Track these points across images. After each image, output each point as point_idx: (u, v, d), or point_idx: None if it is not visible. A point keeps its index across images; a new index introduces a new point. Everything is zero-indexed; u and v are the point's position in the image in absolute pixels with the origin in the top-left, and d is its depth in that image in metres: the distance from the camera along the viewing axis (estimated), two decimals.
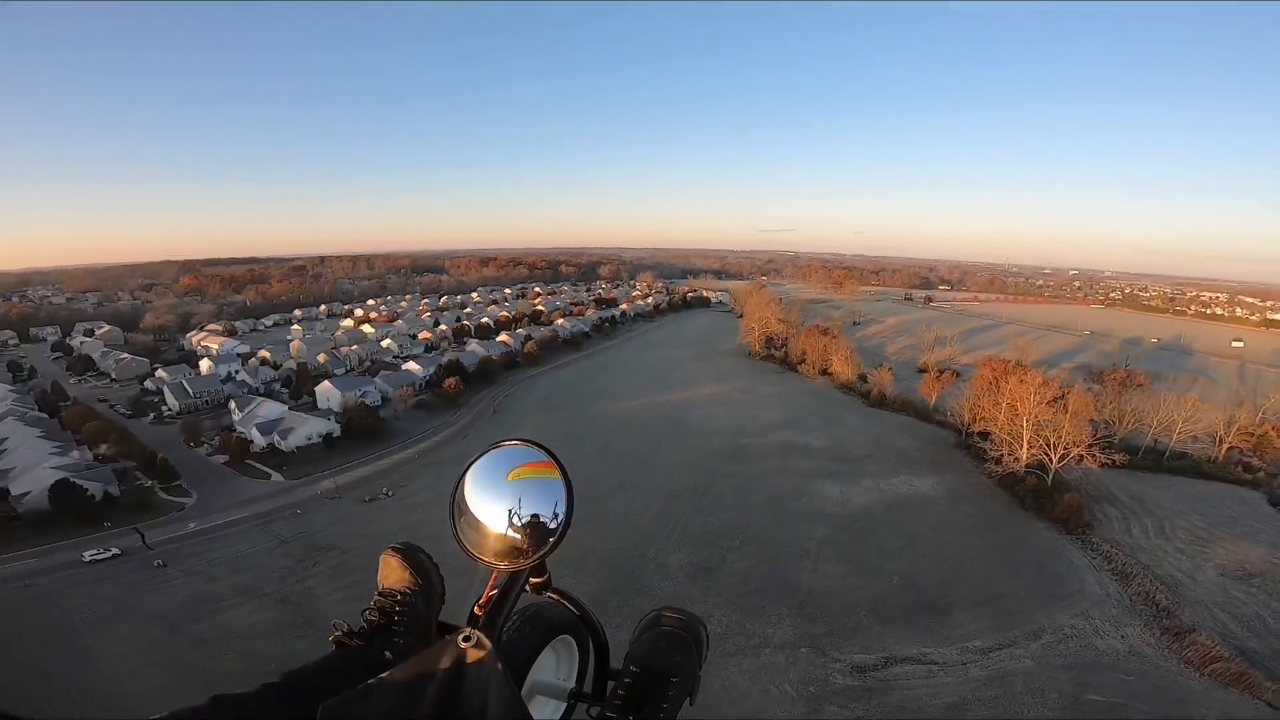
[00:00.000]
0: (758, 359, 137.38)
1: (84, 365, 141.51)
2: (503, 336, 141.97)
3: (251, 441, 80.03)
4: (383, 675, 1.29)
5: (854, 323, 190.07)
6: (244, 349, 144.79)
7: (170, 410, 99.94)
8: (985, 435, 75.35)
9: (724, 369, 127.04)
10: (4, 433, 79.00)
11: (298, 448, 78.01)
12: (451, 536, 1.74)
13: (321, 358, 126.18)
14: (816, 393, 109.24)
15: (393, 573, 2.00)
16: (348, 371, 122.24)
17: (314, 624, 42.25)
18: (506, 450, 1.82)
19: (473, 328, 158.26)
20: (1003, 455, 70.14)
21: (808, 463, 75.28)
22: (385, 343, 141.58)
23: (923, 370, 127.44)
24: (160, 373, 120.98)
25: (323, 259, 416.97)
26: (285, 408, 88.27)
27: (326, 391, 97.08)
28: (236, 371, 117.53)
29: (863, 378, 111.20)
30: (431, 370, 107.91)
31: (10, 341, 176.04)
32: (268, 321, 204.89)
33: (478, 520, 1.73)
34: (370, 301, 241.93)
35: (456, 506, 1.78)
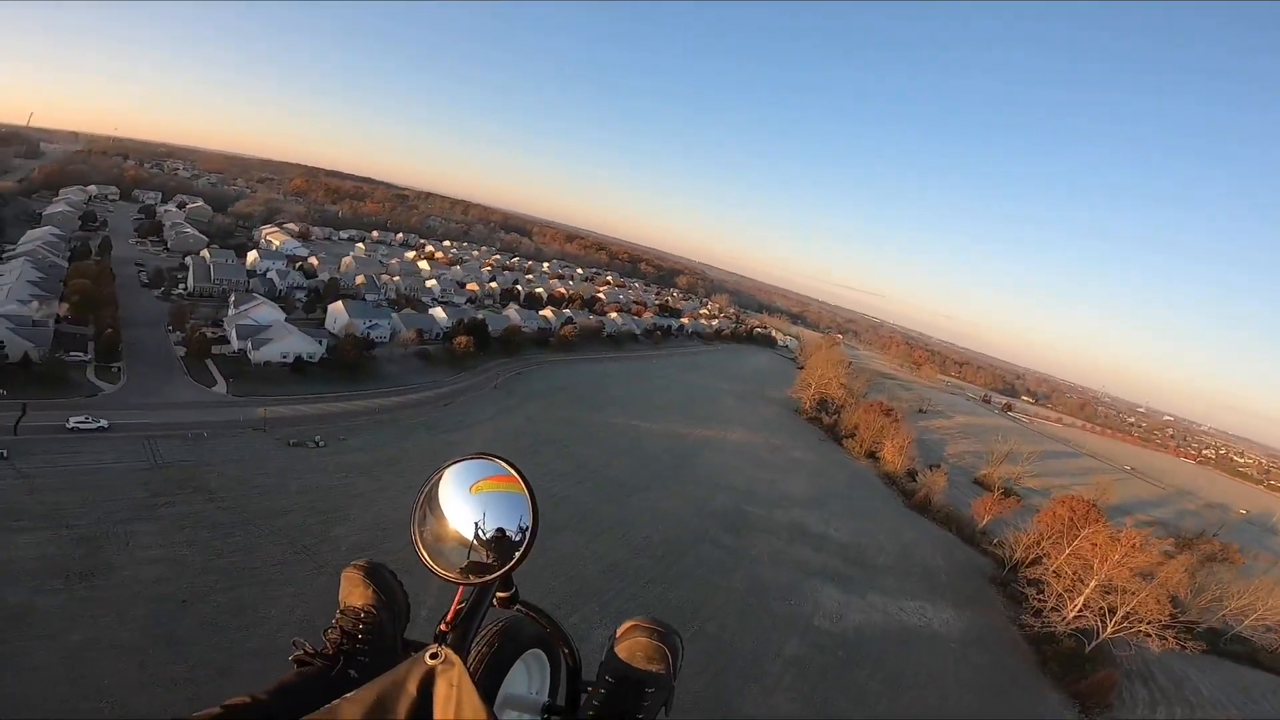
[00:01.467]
0: (804, 418, 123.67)
1: (151, 230, 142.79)
2: (546, 311, 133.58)
3: (226, 341, 73.71)
4: (349, 695, 1.22)
5: (920, 410, 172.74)
6: (302, 252, 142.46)
7: (184, 289, 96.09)
8: (1037, 583, 63.48)
9: (763, 418, 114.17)
10: (12, 269, 76.11)
11: (266, 362, 70.87)
12: (414, 551, 1.65)
13: (359, 279, 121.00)
14: (855, 475, 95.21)
15: (355, 590, 1.90)
16: (380, 299, 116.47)
17: (89, 579, 33.59)
18: (470, 464, 1.76)
19: (523, 294, 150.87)
20: (1048, 607, 60.01)
21: (815, 556, 62.78)
22: (430, 283, 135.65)
23: (980, 483, 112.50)
24: (204, 252, 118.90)
25: (428, 194, 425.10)
26: (282, 316, 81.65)
27: (336, 312, 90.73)
28: (269, 269, 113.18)
29: (912, 474, 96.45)
30: (454, 322, 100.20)
31: (110, 196, 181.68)
32: (344, 234, 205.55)
33: (442, 535, 1.68)
34: (446, 243, 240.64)
35: (419, 522, 1.71)
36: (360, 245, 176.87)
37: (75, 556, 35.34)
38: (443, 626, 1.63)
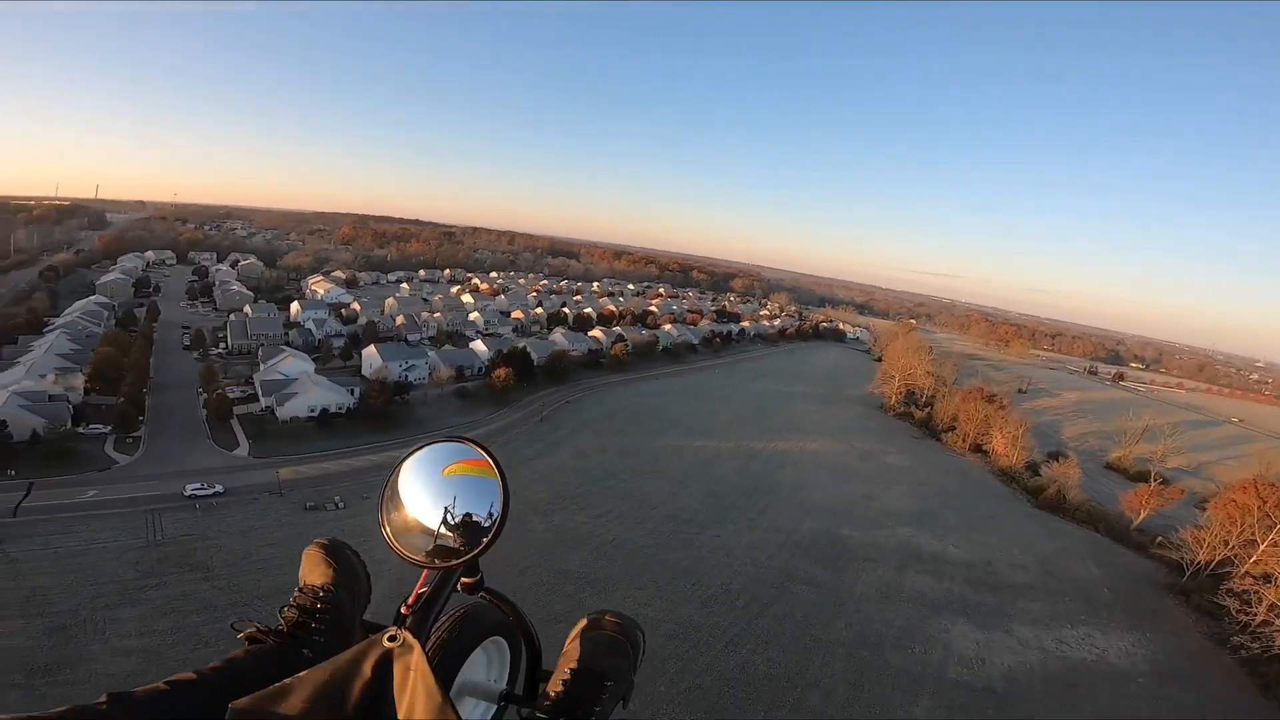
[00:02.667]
0: (891, 415, 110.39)
1: (202, 291, 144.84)
2: (595, 332, 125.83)
3: (256, 399, 69.14)
4: (300, 674, 1.20)
5: (1020, 390, 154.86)
6: (346, 298, 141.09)
7: (223, 348, 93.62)
8: (1241, 593, 50.28)
9: (845, 421, 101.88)
10: (43, 343, 75.07)
11: (293, 418, 65.55)
12: (380, 532, 1.66)
13: (400, 320, 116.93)
14: (963, 474, 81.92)
15: (315, 568, 1.86)
16: (422, 339, 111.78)
17: (53, 674, 29.57)
18: (442, 447, 1.75)
19: (570, 316, 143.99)
20: (1260, 618, 47.70)
21: (935, 583, 51.15)
22: (473, 316, 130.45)
23: (1114, 468, 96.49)
24: (246, 308, 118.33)
25: (475, 229, 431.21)
26: (310, 367, 76.83)
27: (370, 356, 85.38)
28: (308, 319, 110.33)
29: (1033, 467, 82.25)
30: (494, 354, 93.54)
31: (167, 260, 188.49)
32: (392, 277, 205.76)
33: (409, 517, 1.67)
34: (493, 274, 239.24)
35: (387, 502, 1.71)
36: (405, 285, 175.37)
37: (43, 648, 31.15)
38: (403, 609, 1.61)
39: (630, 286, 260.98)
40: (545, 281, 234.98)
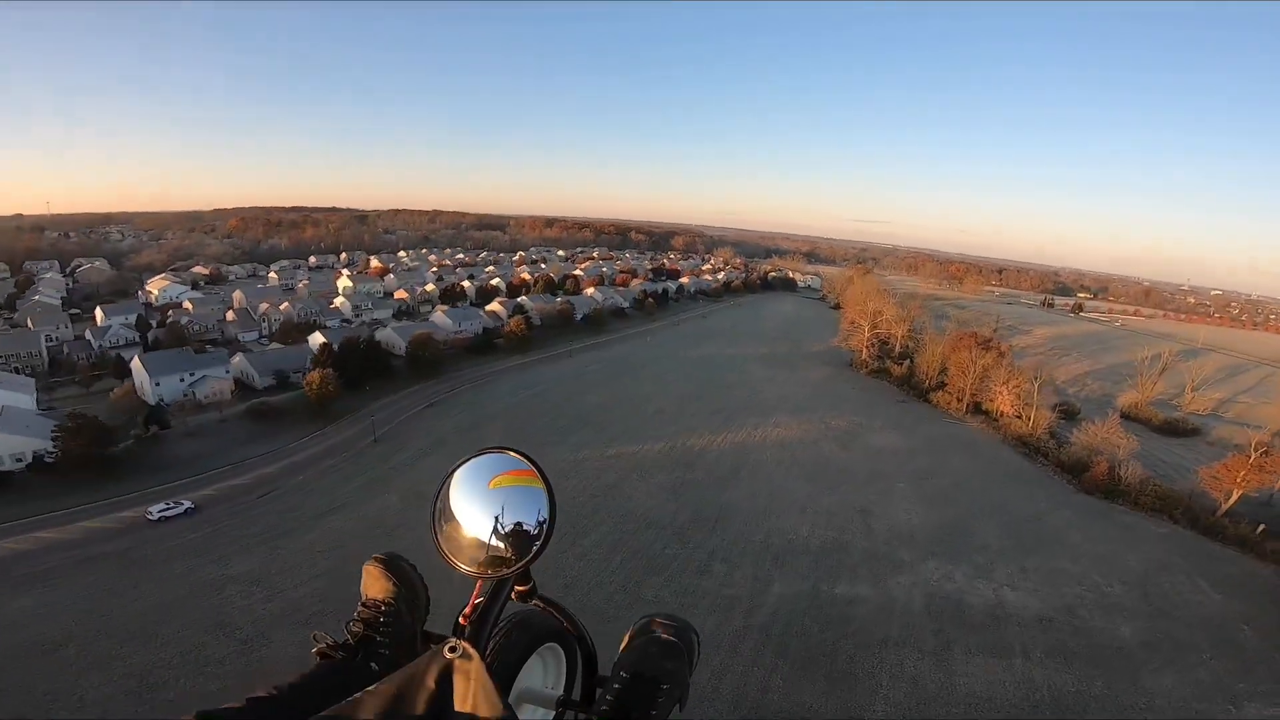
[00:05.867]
0: (865, 373, 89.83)
1: (5, 305, 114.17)
2: (493, 305, 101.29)
3: None
4: (370, 688, 1.27)
5: (993, 330, 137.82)
6: (194, 296, 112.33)
7: None
8: None
9: (812, 386, 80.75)
10: None
11: None
12: (433, 546, 1.68)
13: (230, 315, 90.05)
14: (973, 451, 61.68)
15: (375, 583, 1.89)
16: (260, 338, 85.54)
17: None
18: (487, 459, 1.77)
19: (473, 290, 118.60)
20: None
21: (1004, 673, 30.66)
22: (338, 301, 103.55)
23: (1133, 416, 77.59)
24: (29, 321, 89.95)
25: (397, 211, 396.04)
26: (28, 398, 50.69)
27: (137, 373, 59.19)
28: (109, 327, 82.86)
29: (1055, 437, 62.66)
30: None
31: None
32: (276, 267, 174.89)
33: (461, 529, 1.69)
34: (402, 254, 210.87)
35: (439, 515, 1.72)
36: (272, 274, 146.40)
37: None
38: (461, 620, 1.66)
39: (560, 253, 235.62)
40: (461, 255, 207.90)
